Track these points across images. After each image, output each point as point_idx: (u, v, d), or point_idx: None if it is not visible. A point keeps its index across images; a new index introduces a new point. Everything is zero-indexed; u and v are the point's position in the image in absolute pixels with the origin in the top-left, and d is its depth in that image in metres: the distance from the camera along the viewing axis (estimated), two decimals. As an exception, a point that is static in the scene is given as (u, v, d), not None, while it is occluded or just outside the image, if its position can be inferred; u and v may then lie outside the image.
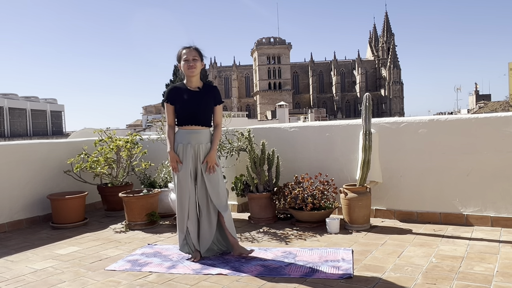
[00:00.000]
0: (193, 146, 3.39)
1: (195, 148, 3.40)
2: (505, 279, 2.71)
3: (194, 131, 3.40)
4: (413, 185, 4.38)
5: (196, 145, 3.40)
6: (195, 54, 3.41)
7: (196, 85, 3.46)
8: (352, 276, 2.89)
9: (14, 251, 3.94)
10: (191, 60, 3.38)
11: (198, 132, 3.41)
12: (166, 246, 3.87)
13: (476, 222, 4.05)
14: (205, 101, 3.43)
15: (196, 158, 3.41)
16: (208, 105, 3.45)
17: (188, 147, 3.38)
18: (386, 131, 4.49)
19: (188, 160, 3.38)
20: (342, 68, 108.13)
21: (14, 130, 44.54)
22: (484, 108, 50.70)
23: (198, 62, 3.42)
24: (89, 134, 7.21)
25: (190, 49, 3.41)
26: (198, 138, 3.40)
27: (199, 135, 3.41)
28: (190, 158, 3.39)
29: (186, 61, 3.38)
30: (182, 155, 3.39)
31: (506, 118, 3.95)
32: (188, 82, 3.46)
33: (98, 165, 5.25)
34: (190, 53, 3.39)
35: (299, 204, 4.33)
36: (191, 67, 3.38)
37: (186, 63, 3.38)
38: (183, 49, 3.42)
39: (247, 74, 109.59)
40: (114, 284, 2.99)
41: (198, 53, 3.43)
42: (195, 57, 3.40)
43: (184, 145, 3.38)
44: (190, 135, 3.39)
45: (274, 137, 5.10)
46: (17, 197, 4.99)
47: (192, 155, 3.39)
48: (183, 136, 3.41)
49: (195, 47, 3.45)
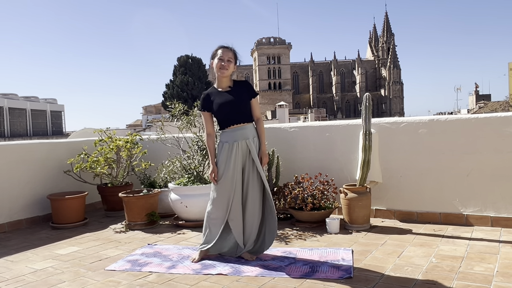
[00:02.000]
0: (240, 143, 3.32)
1: (243, 144, 3.33)
2: (505, 279, 2.71)
3: (238, 128, 3.34)
4: (413, 185, 4.38)
5: (243, 141, 3.33)
6: (231, 56, 3.35)
7: (227, 85, 3.39)
8: (352, 276, 2.89)
9: (14, 251, 3.94)
10: (226, 61, 3.31)
11: (243, 129, 3.34)
12: (166, 246, 3.87)
13: (476, 222, 4.05)
14: (240, 98, 3.35)
15: (245, 154, 3.35)
16: (243, 101, 3.36)
17: (234, 145, 3.31)
18: (386, 131, 4.49)
19: (238, 158, 3.31)
20: (342, 68, 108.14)
21: (14, 130, 44.52)
22: (484, 108, 50.67)
23: (232, 64, 3.35)
24: (89, 134, 7.22)
25: (227, 49, 3.35)
26: (244, 134, 3.34)
27: (245, 131, 3.35)
28: (239, 155, 3.32)
29: (220, 60, 3.30)
30: (227, 154, 3.32)
31: (506, 118, 3.95)
32: (219, 83, 3.40)
33: (98, 165, 5.25)
34: (227, 53, 3.33)
35: (299, 204, 4.33)
36: (223, 68, 3.31)
37: (220, 62, 3.30)
38: (220, 48, 3.36)
39: (247, 74, 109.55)
40: (114, 284, 2.99)
41: (234, 55, 3.37)
42: (230, 59, 3.34)
43: (230, 144, 3.32)
44: (235, 133, 3.33)
45: (274, 137, 5.09)
46: (17, 197, 4.99)
47: (240, 153, 3.32)
48: (228, 135, 3.35)
49: (233, 48, 3.39)
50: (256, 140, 3.40)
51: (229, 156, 3.32)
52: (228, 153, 3.33)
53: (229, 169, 3.32)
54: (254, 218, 3.39)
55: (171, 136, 5.47)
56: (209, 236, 3.43)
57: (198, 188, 4.50)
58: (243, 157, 3.36)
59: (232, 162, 3.31)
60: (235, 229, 3.38)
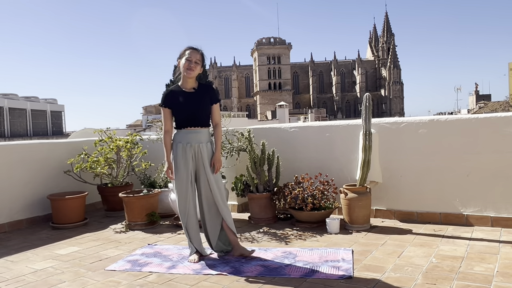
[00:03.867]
0: (193, 146, 3.37)
1: (195, 148, 3.38)
2: (505, 279, 2.71)
3: (193, 131, 3.39)
4: (413, 185, 4.38)
5: (196, 145, 3.38)
6: (199, 58, 3.39)
7: (192, 86, 3.44)
8: (352, 276, 2.89)
9: (14, 251, 3.94)
10: (193, 62, 3.36)
11: (198, 132, 3.40)
12: (166, 246, 3.87)
13: (476, 222, 4.05)
14: (201, 101, 3.41)
15: (197, 158, 3.40)
16: (205, 105, 3.42)
17: (188, 147, 3.37)
18: (386, 131, 4.49)
19: (188, 160, 3.37)
20: (342, 68, 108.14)
21: (14, 130, 44.53)
22: (484, 108, 50.64)
23: (199, 66, 3.40)
24: (89, 134, 7.21)
25: (196, 51, 3.39)
26: (198, 138, 3.39)
27: (199, 134, 3.40)
28: (191, 158, 3.38)
29: (188, 61, 3.35)
30: (182, 155, 3.37)
31: (506, 118, 3.95)
32: (184, 83, 3.45)
33: (98, 165, 5.25)
34: (195, 55, 3.37)
35: (299, 204, 4.33)
36: (191, 69, 3.35)
37: (187, 63, 3.35)
38: (189, 49, 3.40)
39: (247, 74, 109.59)
40: (114, 284, 2.99)
41: (202, 57, 3.42)
42: (198, 61, 3.38)
43: (184, 145, 3.37)
44: (190, 135, 3.38)
45: (274, 137, 5.10)
46: (17, 197, 4.99)
47: (192, 155, 3.38)
48: (182, 136, 3.40)
49: (201, 50, 3.43)
50: (209, 145, 3.45)
51: (182, 156, 3.37)
52: (181, 154, 3.38)
53: (181, 169, 3.38)
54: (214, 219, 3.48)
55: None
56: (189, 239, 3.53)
57: (198, 188, 4.50)
58: (196, 160, 3.41)
59: (184, 163, 3.37)
60: (192, 234, 3.48)
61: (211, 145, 3.48)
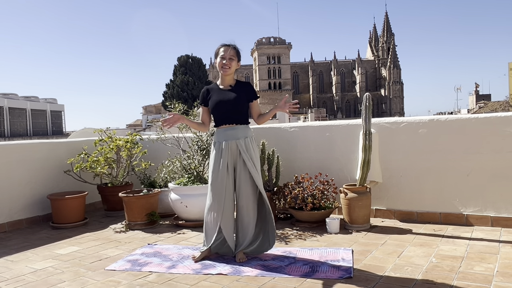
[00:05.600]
0: (230, 143, 3.32)
1: (232, 144, 3.33)
2: (505, 279, 2.71)
3: (229, 128, 3.35)
4: (413, 185, 4.38)
5: (233, 141, 3.33)
6: (233, 54, 3.35)
7: (229, 84, 3.41)
8: (352, 276, 2.89)
9: (14, 251, 3.94)
10: (227, 59, 3.33)
11: (234, 129, 3.35)
12: (166, 246, 3.87)
13: (476, 222, 4.05)
14: (237, 98, 3.35)
15: (235, 154, 3.34)
16: (241, 102, 3.37)
17: (224, 144, 3.32)
18: (386, 131, 4.49)
19: (225, 158, 3.31)
20: (342, 68, 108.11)
21: (14, 130, 44.52)
22: (484, 108, 50.64)
23: (234, 61, 3.36)
24: (89, 134, 7.21)
25: (228, 47, 3.35)
26: (234, 134, 3.34)
27: (236, 131, 3.35)
28: (228, 155, 3.32)
29: (222, 58, 3.33)
30: (219, 152, 3.33)
31: (506, 118, 3.94)
32: (221, 81, 3.43)
33: (98, 165, 5.25)
34: (228, 51, 3.34)
35: (299, 204, 4.32)
36: (226, 66, 3.32)
37: (222, 61, 3.33)
38: (222, 46, 3.37)
39: (247, 74, 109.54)
40: (114, 284, 2.99)
41: (236, 52, 3.38)
42: (232, 57, 3.35)
43: (220, 143, 3.34)
44: (226, 132, 3.35)
45: (274, 137, 5.10)
46: (17, 197, 4.99)
47: (228, 152, 3.32)
48: (219, 135, 3.38)
49: (234, 45, 3.39)
50: (248, 140, 3.37)
51: (218, 156, 3.34)
52: (217, 153, 3.35)
53: (219, 169, 3.33)
54: (249, 219, 3.38)
55: (171, 136, 5.47)
56: (208, 237, 3.44)
57: (198, 188, 4.50)
58: (233, 157, 3.36)
59: (221, 162, 3.32)
60: (226, 232, 3.39)
61: (250, 140, 3.38)
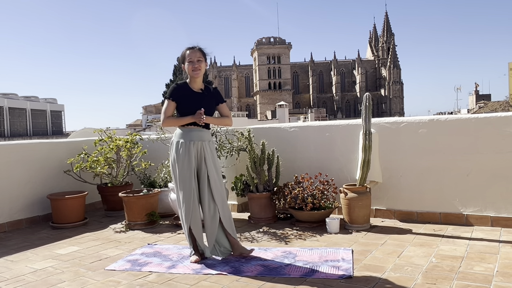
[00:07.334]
0: (195, 143, 3.35)
1: (198, 145, 3.36)
2: (505, 279, 2.71)
3: (196, 129, 3.37)
4: (413, 185, 4.38)
5: (199, 143, 3.36)
6: (200, 55, 3.38)
7: (199, 87, 3.44)
8: (352, 276, 2.89)
9: (14, 251, 3.94)
10: (196, 62, 3.35)
11: (201, 131, 3.39)
12: (166, 246, 3.87)
13: (476, 222, 4.05)
14: (208, 103, 3.41)
15: (199, 156, 3.37)
16: (211, 108, 3.44)
17: (190, 145, 3.33)
18: (386, 131, 4.49)
19: (192, 158, 3.33)
20: (342, 68, 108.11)
21: (14, 130, 44.53)
22: (484, 108, 50.64)
23: (203, 63, 3.39)
24: (89, 134, 7.20)
25: (194, 50, 3.38)
26: (200, 136, 3.37)
27: (203, 133, 3.39)
28: (193, 156, 3.34)
29: (190, 63, 3.35)
30: (185, 153, 3.32)
31: (506, 118, 3.95)
32: (192, 83, 3.43)
33: (98, 165, 5.25)
34: (195, 54, 3.36)
35: (299, 204, 4.32)
36: (196, 69, 3.35)
37: (191, 65, 3.34)
38: (187, 50, 3.39)
39: (247, 74, 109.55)
40: (114, 284, 2.99)
41: (202, 53, 3.40)
42: (200, 58, 3.37)
43: (186, 143, 3.34)
44: (193, 133, 3.35)
45: (274, 137, 5.09)
46: (17, 197, 4.99)
47: (195, 154, 3.35)
48: (185, 134, 3.37)
49: (199, 47, 3.41)
50: (212, 144, 3.45)
51: (185, 154, 3.33)
52: (184, 152, 3.33)
53: (185, 167, 3.33)
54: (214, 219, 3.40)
55: (171, 136, 5.47)
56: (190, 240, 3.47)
57: (198, 188, 4.50)
58: (197, 158, 3.38)
59: (187, 161, 3.33)
60: (196, 233, 3.41)
61: (213, 144, 3.47)
